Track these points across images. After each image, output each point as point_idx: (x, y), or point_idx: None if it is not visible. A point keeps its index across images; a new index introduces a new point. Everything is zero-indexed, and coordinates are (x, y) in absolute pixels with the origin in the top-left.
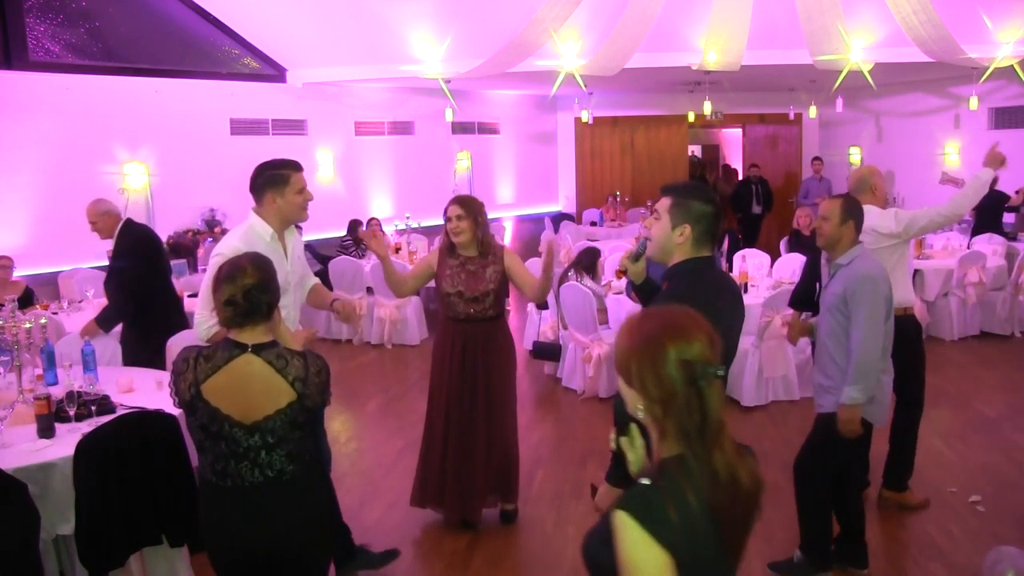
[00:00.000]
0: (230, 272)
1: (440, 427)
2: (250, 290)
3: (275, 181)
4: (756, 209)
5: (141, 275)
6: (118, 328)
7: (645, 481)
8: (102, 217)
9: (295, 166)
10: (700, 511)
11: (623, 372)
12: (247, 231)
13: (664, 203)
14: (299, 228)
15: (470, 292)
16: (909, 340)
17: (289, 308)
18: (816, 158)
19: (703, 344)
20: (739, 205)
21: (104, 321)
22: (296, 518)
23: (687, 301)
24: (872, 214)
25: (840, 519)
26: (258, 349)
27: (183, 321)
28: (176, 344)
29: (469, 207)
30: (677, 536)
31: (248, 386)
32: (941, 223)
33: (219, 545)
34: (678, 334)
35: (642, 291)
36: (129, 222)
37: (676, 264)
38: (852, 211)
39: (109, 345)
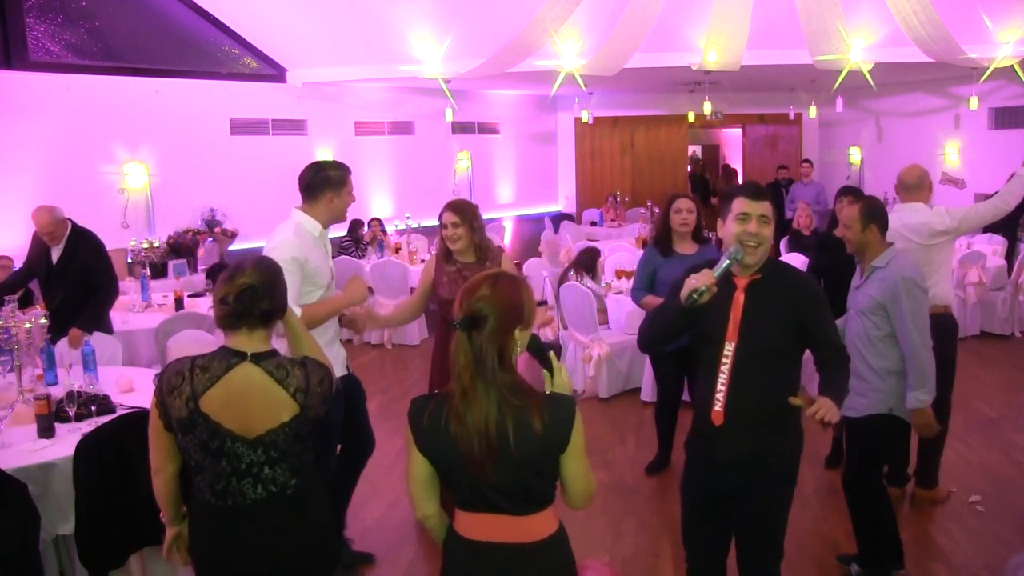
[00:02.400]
0: (231, 270)
1: None
2: (244, 290)
3: (334, 182)
4: (789, 214)
5: (110, 268)
6: (119, 329)
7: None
8: (60, 225)
9: (348, 169)
10: (445, 428)
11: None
12: (297, 226)
13: (769, 207)
14: None
15: None
16: (947, 338)
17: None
18: (805, 160)
19: (462, 305)
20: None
21: (89, 322)
22: (299, 534)
23: (812, 285)
24: (925, 211)
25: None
26: (257, 358)
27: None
28: (176, 345)
29: (464, 213)
30: (423, 439)
31: (248, 398)
32: (990, 218)
33: (214, 565)
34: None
35: (687, 313)
36: (75, 224)
37: (767, 262)
38: (873, 214)
39: (108, 346)
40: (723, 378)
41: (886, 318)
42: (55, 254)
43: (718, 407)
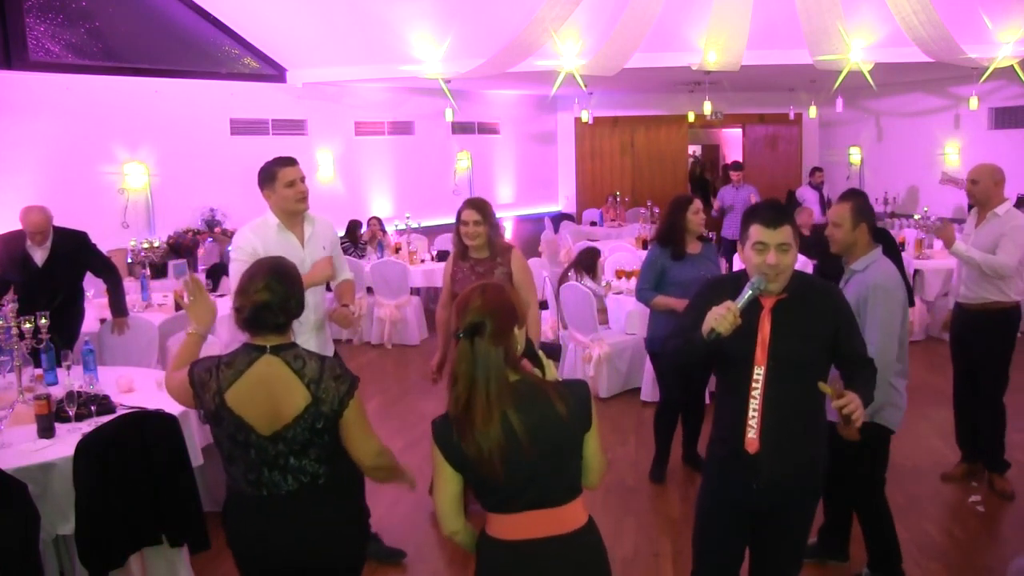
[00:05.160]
0: (246, 279)
1: None
2: (258, 307)
3: (266, 178)
4: (819, 218)
5: (103, 253)
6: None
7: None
8: (49, 222)
9: (284, 162)
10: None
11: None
12: (257, 223)
13: (788, 233)
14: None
15: None
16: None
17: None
18: (735, 163)
19: (461, 317)
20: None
21: (121, 307)
22: (333, 525)
23: (839, 294)
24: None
25: (837, 512)
26: (276, 350)
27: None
28: (176, 345)
29: (484, 211)
30: (462, 457)
31: (270, 389)
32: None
33: (252, 556)
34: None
35: (702, 350)
36: (57, 227)
37: (791, 280)
38: (863, 213)
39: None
40: (755, 404)
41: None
42: (39, 255)
43: (752, 434)
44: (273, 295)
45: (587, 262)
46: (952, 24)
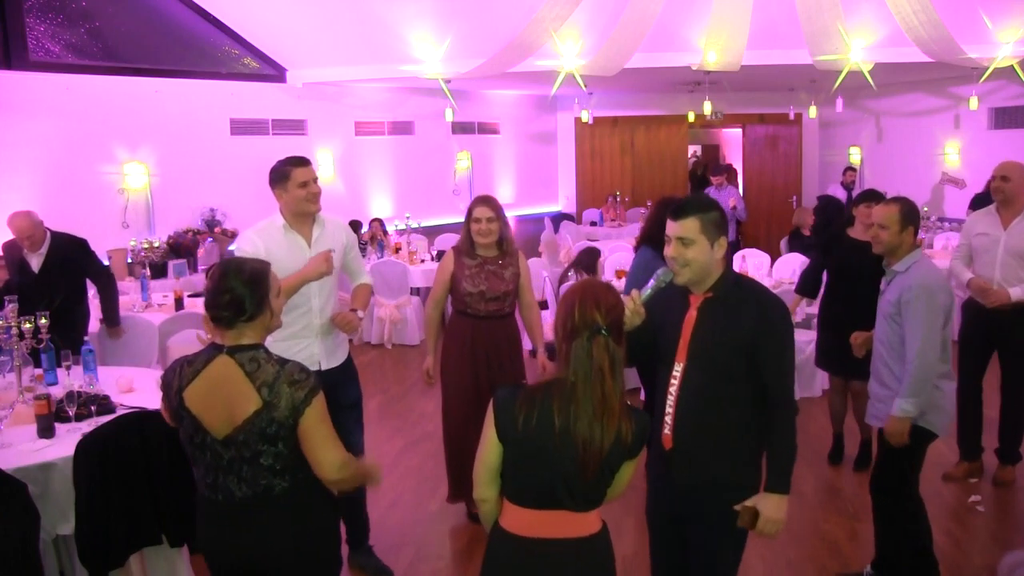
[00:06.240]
0: (214, 275)
1: (467, 418)
2: (222, 303)
3: (278, 178)
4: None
5: (100, 261)
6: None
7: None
8: (38, 228)
9: (297, 162)
10: (539, 421)
11: None
12: (263, 224)
13: (692, 226)
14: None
15: (492, 292)
16: None
17: (311, 296)
18: (716, 166)
19: (599, 310)
20: (827, 220)
21: (114, 316)
22: (290, 537)
23: (780, 314)
24: None
25: (887, 544)
26: (234, 350)
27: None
28: (176, 345)
29: (497, 208)
30: (513, 429)
31: (221, 391)
32: None
33: (214, 557)
34: (585, 296)
35: (632, 336)
36: (51, 229)
37: (719, 279)
38: (911, 216)
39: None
40: (671, 400)
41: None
42: (35, 261)
43: (667, 430)
44: (228, 293)
45: (587, 262)
46: (952, 24)
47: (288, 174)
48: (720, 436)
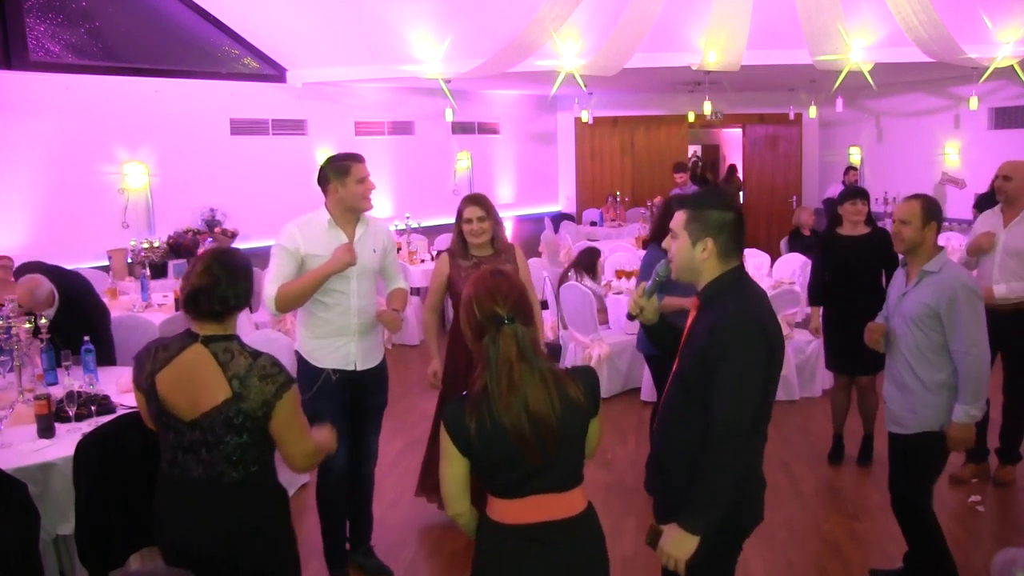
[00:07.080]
0: (190, 265)
1: None
2: (191, 293)
3: (337, 172)
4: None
5: (102, 305)
6: None
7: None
8: (49, 295)
9: (357, 157)
10: (492, 425)
11: None
12: (306, 219)
13: (679, 219)
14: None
15: None
16: None
17: (350, 295)
18: (678, 163)
19: (497, 301)
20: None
21: (107, 357)
22: (235, 526)
23: (741, 329)
24: None
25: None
26: (208, 340)
27: None
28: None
29: (487, 207)
30: (470, 441)
31: (193, 378)
32: None
33: (163, 534)
34: (481, 293)
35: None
36: (60, 285)
37: (710, 283)
38: (933, 212)
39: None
40: (661, 400)
41: (939, 327)
42: (45, 317)
43: (655, 427)
44: (209, 281)
45: (587, 262)
46: (952, 24)
47: (348, 169)
48: (683, 447)
